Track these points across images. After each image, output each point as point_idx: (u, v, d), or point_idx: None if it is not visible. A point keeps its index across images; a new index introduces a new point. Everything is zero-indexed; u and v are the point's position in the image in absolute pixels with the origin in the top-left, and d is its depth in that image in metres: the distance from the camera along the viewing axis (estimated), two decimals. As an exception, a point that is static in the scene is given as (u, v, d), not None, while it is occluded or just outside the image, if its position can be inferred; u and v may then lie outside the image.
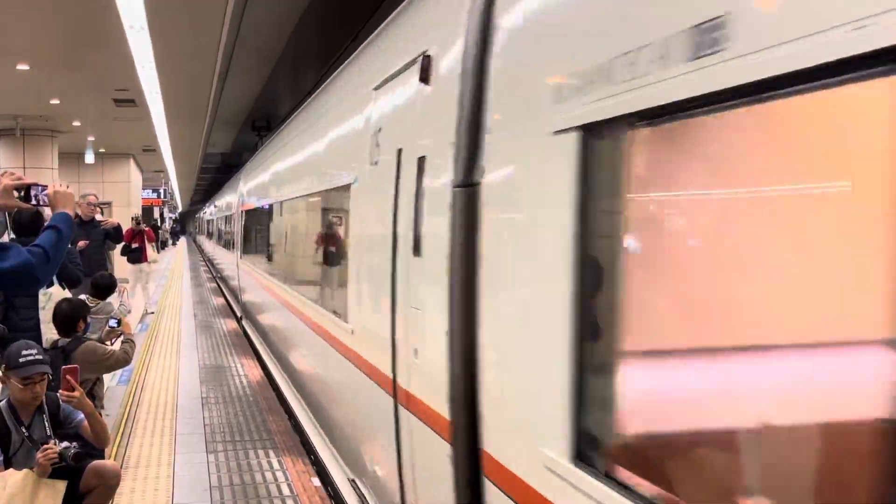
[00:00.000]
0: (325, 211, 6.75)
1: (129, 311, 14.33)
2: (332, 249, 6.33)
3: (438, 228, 3.10)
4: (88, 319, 6.15)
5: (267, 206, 11.10)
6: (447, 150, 3.06)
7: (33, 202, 3.60)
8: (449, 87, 3.13)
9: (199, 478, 6.00)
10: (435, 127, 3.30)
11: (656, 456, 2.07)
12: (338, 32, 10.01)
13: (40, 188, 3.64)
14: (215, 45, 10.77)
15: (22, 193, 3.55)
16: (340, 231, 5.89)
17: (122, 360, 6.03)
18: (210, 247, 30.77)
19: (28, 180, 3.61)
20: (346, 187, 5.14)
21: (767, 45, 1.52)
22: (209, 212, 33.82)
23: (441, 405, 3.05)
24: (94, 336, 6.32)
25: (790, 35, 1.47)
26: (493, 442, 2.70)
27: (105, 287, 7.76)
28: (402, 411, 3.67)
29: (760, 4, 1.62)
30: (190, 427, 7.35)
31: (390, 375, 3.83)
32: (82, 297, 7.13)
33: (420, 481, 3.55)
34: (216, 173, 35.42)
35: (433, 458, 3.22)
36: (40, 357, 4.55)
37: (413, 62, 3.68)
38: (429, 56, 3.46)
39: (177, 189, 51.80)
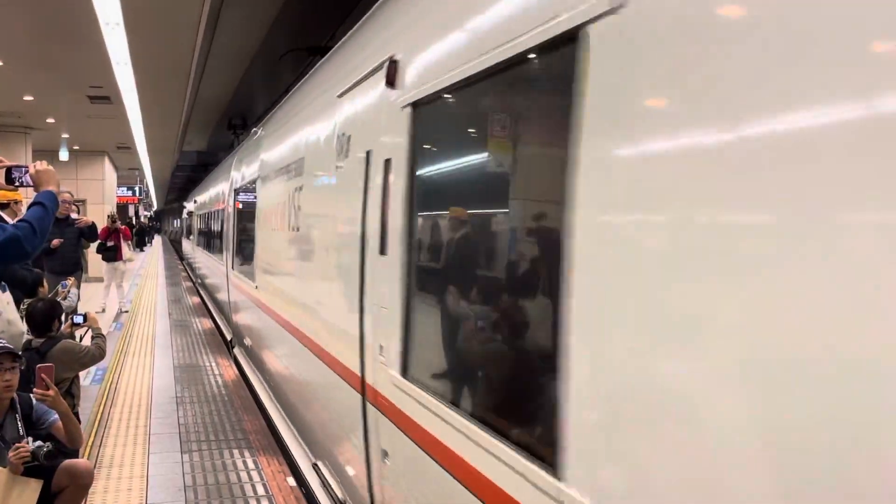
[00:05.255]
0: None
1: (103, 310, 14.31)
2: None
3: None
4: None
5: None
6: None
7: (16, 184, 3.70)
8: None
9: (173, 477, 5.99)
10: None
11: None
12: (313, 32, 10.00)
13: (23, 169, 3.73)
14: (192, 43, 10.72)
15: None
16: None
17: (97, 356, 5.99)
18: (192, 254, 24.97)
19: (8, 163, 3.71)
20: None
21: None
22: (190, 207, 27.56)
23: None
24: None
25: None
26: None
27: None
28: None
29: None
30: (164, 427, 7.33)
31: None
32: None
33: None
34: (192, 171, 35.23)
35: None
36: (9, 345, 4.55)
37: None
38: None
39: (152, 187, 51.44)
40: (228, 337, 12.20)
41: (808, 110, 1.46)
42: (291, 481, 5.93)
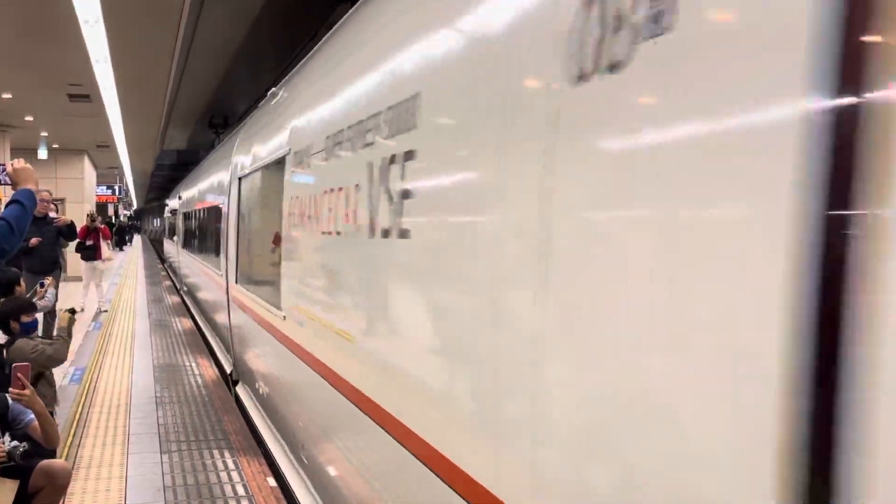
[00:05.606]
0: None
1: (82, 310, 14.21)
2: None
3: None
4: (28, 318, 6.00)
5: None
6: None
7: None
8: None
9: (152, 478, 5.94)
10: None
11: None
12: (295, 30, 9.96)
13: (0, 168, 3.76)
14: (172, 41, 10.66)
15: None
16: None
17: (54, 358, 5.88)
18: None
19: None
20: None
21: None
22: (174, 204, 23.62)
23: None
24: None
25: None
26: None
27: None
28: None
29: None
30: (143, 427, 7.27)
31: None
32: None
33: None
34: (172, 170, 35.08)
35: None
36: None
37: None
38: None
39: (132, 186, 51.16)
40: (228, 369, 9.57)
41: None
42: (272, 481, 5.90)
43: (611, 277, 1.85)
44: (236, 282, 8.56)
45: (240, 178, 8.66)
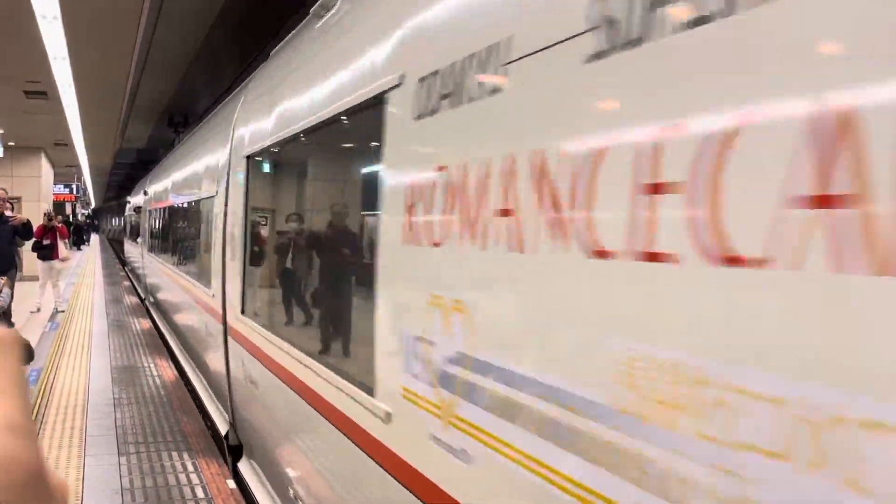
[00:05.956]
0: None
1: (39, 310, 14.02)
2: None
3: None
4: None
5: None
6: None
7: None
8: None
9: (109, 480, 5.88)
10: None
11: None
12: (256, 30, 9.93)
13: None
14: (132, 38, 10.55)
15: None
16: None
17: None
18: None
19: None
20: None
21: None
22: (138, 201, 20.85)
23: None
24: None
25: None
26: None
27: None
28: None
29: None
30: (101, 429, 7.19)
31: None
32: None
33: None
34: (131, 169, 34.70)
35: None
36: None
37: None
38: None
39: (90, 185, 50.46)
40: (222, 428, 7.00)
41: None
42: (231, 483, 5.87)
43: None
44: (242, 312, 5.84)
45: (247, 157, 5.87)
